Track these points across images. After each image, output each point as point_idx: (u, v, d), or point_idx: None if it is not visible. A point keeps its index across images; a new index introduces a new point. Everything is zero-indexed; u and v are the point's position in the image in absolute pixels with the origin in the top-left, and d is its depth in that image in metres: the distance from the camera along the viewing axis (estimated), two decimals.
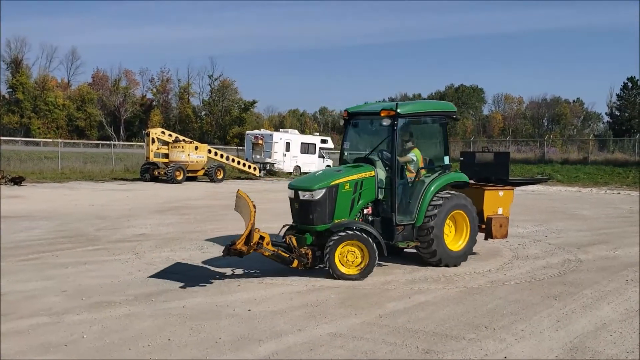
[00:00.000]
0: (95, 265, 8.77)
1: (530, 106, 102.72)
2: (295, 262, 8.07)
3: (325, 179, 8.50)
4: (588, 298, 7.43)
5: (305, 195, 8.35)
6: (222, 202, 19.33)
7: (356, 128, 9.88)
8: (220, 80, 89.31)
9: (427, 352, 5.35)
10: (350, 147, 9.85)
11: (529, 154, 42.35)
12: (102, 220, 13.73)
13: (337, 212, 8.42)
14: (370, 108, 9.68)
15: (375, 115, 9.26)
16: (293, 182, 8.87)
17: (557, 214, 17.72)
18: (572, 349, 5.53)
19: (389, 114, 8.78)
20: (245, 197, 7.73)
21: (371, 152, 9.36)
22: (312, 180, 8.62)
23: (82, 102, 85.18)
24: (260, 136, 36.95)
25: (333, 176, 8.56)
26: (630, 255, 10.57)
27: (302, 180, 9.00)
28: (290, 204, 8.82)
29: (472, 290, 7.71)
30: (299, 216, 8.56)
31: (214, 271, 8.56)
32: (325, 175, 8.78)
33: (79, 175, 29.50)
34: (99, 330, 5.75)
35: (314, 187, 8.32)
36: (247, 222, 7.59)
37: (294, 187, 8.61)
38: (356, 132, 9.97)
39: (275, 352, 5.25)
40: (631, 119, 79.05)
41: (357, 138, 10.10)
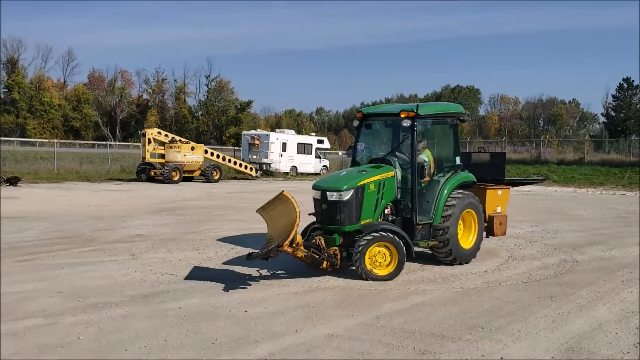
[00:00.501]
0: (92, 266, 8.75)
1: (526, 107, 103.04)
2: (325, 263, 8.12)
3: (352, 180, 8.46)
4: (584, 298, 7.45)
5: (333, 196, 8.31)
6: (218, 202, 19.33)
7: (370, 129, 9.90)
8: (217, 81, 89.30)
9: (423, 352, 5.36)
10: (364, 148, 9.87)
11: (525, 155, 42.44)
12: (98, 221, 13.70)
13: (363, 212, 8.44)
14: (387, 109, 9.88)
15: (392, 116, 9.35)
16: (319, 183, 8.78)
17: (553, 214, 17.76)
18: (568, 349, 5.54)
19: (408, 115, 8.84)
20: (290, 198, 7.71)
21: (389, 153, 9.38)
22: (339, 181, 8.56)
23: (78, 102, 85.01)
24: (256, 136, 36.94)
25: (359, 176, 8.54)
26: (625, 256, 10.60)
27: (328, 180, 8.88)
28: (315, 205, 8.75)
29: (468, 291, 7.72)
30: (326, 217, 8.47)
31: (210, 272, 8.54)
32: (350, 175, 8.71)
33: (75, 176, 29.44)
34: (95, 332, 5.74)
35: (342, 188, 8.29)
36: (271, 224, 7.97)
37: (321, 187, 8.52)
38: (370, 133, 10.00)
39: (271, 353, 5.25)
40: (627, 119, 79.33)
41: (371, 139, 10.12)
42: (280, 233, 7.85)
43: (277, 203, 8.16)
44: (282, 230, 7.83)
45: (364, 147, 9.85)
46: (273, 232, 8.28)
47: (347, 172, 8.98)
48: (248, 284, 7.85)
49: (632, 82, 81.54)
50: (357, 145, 9.78)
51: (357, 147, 9.77)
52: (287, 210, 7.70)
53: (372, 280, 8.02)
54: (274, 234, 8.18)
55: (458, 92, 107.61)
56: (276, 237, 7.91)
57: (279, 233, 7.92)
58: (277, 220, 8.18)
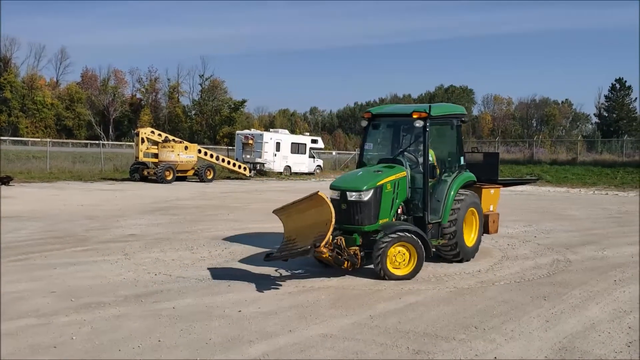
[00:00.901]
0: (85, 266, 8.72)
1: (520, 107, 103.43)
2: (346, 263, 8.15)
3: (371, 179, 8.49)
4: (577, 298, 7.48)
5: (353, 196, 8.32)
6: (212, 202, 19.29)
7: (378, 129, 10.01)
8: (211, 80, 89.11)
9: (417, 352, 5.37)
10: (372, 148, 9.95)
11: (518, 155, 42.59)
12: (91, 221, 13.65)
13: (381, 212, 8.51)
14: (397, 109, 10.08)
15: (404, 117, 9.46)
16: (337, 183, 8.77)
17: (546, 214, 17.82)
18: (561, 349, 5.56)
19: (420, 115, 8.91)
20: (326, 198, 7.69)
21: (400, 153, 9.45)
22: (358, 181, 8.57)
23: (70, 101, 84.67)
24: (250, 136, 36.86)
25: (377, 176, 8.59)
26: (618, 256, 10.65)
27: (347, 180, 8.83)
28: (333, 205, 8.58)
29: (462, 291, 7.74)
30: (346, 217, 8.43)
31: (203, 272, 8.52)
32: (368, 175, 8.70)
33: (68, 175, 29.31)
34: (88, 332, 5.71)
35: (362, 188, 8.32)
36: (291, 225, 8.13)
37: (340, 187, 8.52)
38: (378, 133, 10.10)
39: (265, 353, 5.24)
40: (619, 120, 79.73)
41: (379, 139, 10.19)
42: (305, 234, 7.89)
43: (304, 203, 8.06)
44: (307, 231, 7.87)
45: (371, 147, 9.92)
46: (294, 233, 8.29)
47: (363, 172, 8.94)
48: (242, 283, 7.84)
49: (624, 83, 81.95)
50: (365, 145, 9.84)
51: (365, 147, 9.84)
52: (318, 210, 7.69)
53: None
54: (296, 235, 8.20)
55: (451, 92, 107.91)
56: (300, 238, 7.95)
57: (304, 234, 7.95)
58: (301, 221, 8.14)
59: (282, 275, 8.42)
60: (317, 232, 7.58)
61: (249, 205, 18.53)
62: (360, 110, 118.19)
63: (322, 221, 7.57)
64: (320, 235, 7.46)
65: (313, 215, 7.82)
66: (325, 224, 7.47)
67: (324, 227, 7.49)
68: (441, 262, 9.50)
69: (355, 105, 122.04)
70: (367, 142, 9.88)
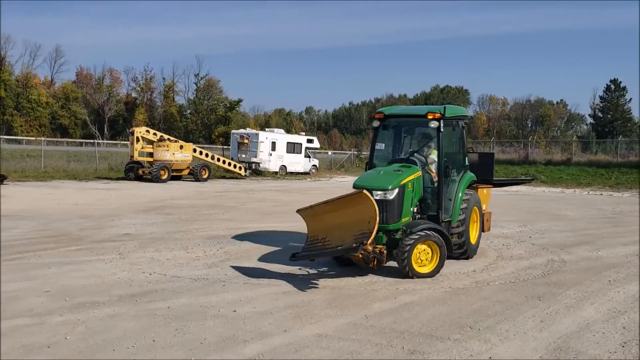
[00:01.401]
0: (79, 266, 8.69)
1: (515, 107, 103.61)
2: (374, 261, 8.27)
3: (394, 179, 8.59)
4: (571, 298, 7.49)
5: (379, 195, 8.37)
6: (207, 201, 19.26)
7: (389, 129, 10.08)
8: (206, 79, 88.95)
9: (412, 352, 5.37)
10: (384, 149, 10.05)
11: (513, 155, 42.67)
12: (85, 220, 13.61)
13: (404, 211, 8.63)
14: (410, 110, 10.30)
15: (417, 118, 9.63)
16: (361, 182, 8.78)
17: (540, 214, 17.85)
18: (556, 349, 5.57)
19: (435, 116, 9.05)
20: (370, 197, 7.71)
21: (413, 153, 9.64)
22: (382, 180, 8.64)
23: (66, 100, 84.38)
24: (245, 135, 36.81)
25: (399, 176, 8.69)
26: (612, 256, 10.68)
27: (371, 179, 8.83)
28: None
29: (457, 291, 7.75)
30: None
31: (198, 272, 8.50)
32: (391, 175, 8.78)
33: (63, 174, 29.20)
34: (82, 332, 5.69)
35: (388, 187, 8.43)
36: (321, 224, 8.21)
37: (365, 186, 8.47)
38: (389, 133, 10.16)
39: (260, 353, 5.23)
40: (614, 120, 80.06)
41: (390, 139, 10.24)
42: (339, 232, 7.95)
43: (340, 202, 8.11)
44: (342, 229, 7.92)
45: (383, 147, 10.02)
46: (322, 232, 8.29)
47: (384, 172, 8.97)
48: (237, 283, 7.82)
49: (619, 84, 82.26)
50: (377, 145, 9.92)
51: (377, 146, 9.91)
52: (360, 209, 7.71)
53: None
54: (325, 234, 8.21)
55: (447, 92, 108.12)
56: (333, 237, 8.01)
57: (337, 232, 8.01)
58: (334, 219, 8.13)
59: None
60: (357, 230, 7.68)
61: (244, 205, 18.50)
62: (355, 110, 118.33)
63: (364, 219, 7.64)
64: (363, 233, 7.57)
65: (352, 213, 7.82)
66: (369, 222, 7.57)
67: (365, 225, 7.58)
68: None
69: (350, 105, 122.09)
70: (379, 142, 9.96)
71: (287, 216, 15.62)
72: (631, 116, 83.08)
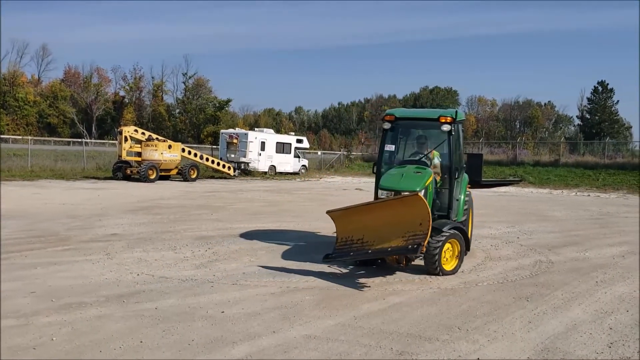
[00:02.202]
0: (66, 266, 8.61)
1: (503, 108, 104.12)
2: (405, 260, 8.64)
3: (419, 180, 8.84)
4: (559, 299, 7.53)
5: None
6: (195, 201, 19.18)
7: (397, 131, 10.15)
8: (195, 79, 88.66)
9: (401, 353, 5.37)
10: (394, 150, 10.17)
11: (502, 156, 42.90)
12: (72, 220, 13.50)
13: None
14: (422, 113, 10.57)
15: (429, 121, 9.90)
16: (388, 184, 8.94)
17: (528, 215, 17.95)
18: (544, 349, 5.59)
19: (447, 120, 9.30)
20: (424, 200, 7.87)
21: (425, 155, 9.79)
22: (409, 182, 8.82)
23: (53, 98, 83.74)
24: (235, 135, 36.69)
25: (422, 177, 8.92)
26: (600, 257, 10.76)
27: (397, 181, 8.95)
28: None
29: (445, 291, 7.76)
30: None
31: (187, 272, 8.46)
32: (414, 176, 8.98)
33: (50, 174, 28.97)
34: (69, 333, 5.64)
35: (416, 188, 8.61)
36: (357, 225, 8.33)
37: (394, 188, 8.75)
38: (397, 135, 10.27)
39: (248, 354, 5.21)
40: (601, 122, 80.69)
41: (398, 141, 10.36)
42: (380, 234, 8.05)
43: (386, 203, 8.28)
44: (382, 231, 8.02)
45: (393, 149, 10.13)
46: (358, 233, 8.38)
47: (406, 173, 9.10)
48: (225, 284, 7.79)
49: (606, 86, 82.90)
50: (386, 147, 9.99)
51: (386, 148, 9.99)
52: (411, 211, 7.82)
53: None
54: (362, 234, 8.30)
55: (436, 93, 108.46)
56: (374, 238, 8.12)
57: (377, 234, 8.10)
58: (374, 221, 8.20)
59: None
60: (405, 231, 7.83)
61: (233, 205, 18.44)
62: (345, 110, 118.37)
63: (413, 221, 7.79)
64: (415, 235, 7.74)
65: (400, 214, 7.91)
66: (420, 224, 7.72)
67: (416, 227, 7.75)
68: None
69: (340, 106, 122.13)
70: (389, 143, 10.04)
71: (276, 216, 15.60)
72: (618, 118, 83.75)
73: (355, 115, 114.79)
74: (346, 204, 9.36)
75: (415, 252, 7.74)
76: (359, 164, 47.63)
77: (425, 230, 7.69)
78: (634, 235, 13.86)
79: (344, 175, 40.99)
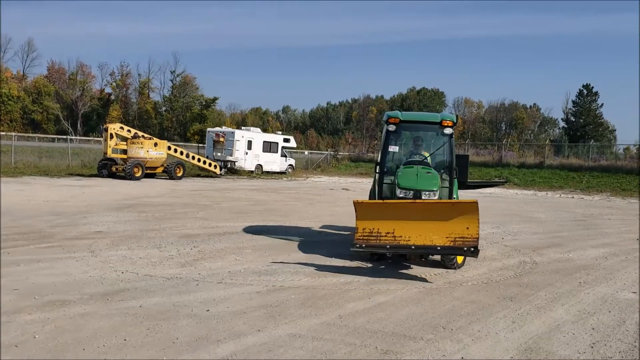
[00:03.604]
0: (49, 263, 8.53)
1: (489, 110, 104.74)
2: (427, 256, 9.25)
3: (434, 180, 9.45)
4: (542, 299, 7.60)
5: (428, 195, 9.27)
6: (181, 200, 19.10)
7: (399, 133, 10.60)
8: (182, 76, 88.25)
9: (385, 352, 5.38)
10: (397, 151, 10.56)
11: (487, 157, 43.17)
12: (57, 217, 13.38)
13: None
14: (424, 117, 10.95)
15: (431, 124, 10.40)
16: (407, 184, 9.38)
17: (513, 216, 18.08)
18: (527, 349, 5.64)
19: (448, 124, 9.97)
20: (478, 207, 8.30)
21: (429, 156, 10.30)
22: (426, 181, 9.39)
23: (38, 94, 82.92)
24: (221, 134, 36.55)
25: (434, 177, 9.53)
26: (583, 258, 10.87)
27: (414, 181, 9.41)
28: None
29: (430, 291, 7.80)
30: None
31: (172, 270, 8.41)
32: (428, 176, 9.51)
33: (34, 170, 28.68)
34: (51, 330, 5.59)
35: (434, 188, 9.31)
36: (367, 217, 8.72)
37: (413, 188, 9.29)
38: (400, 137, 10.74)
39: (233, 353, 5.20)
40: (585, 125, 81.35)
41: (400, 142, 10.79)
42: (417, 231, 8.50)
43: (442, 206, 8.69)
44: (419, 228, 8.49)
45: (397, 150, 10.53)
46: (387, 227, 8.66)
47: (420, 173, 9.58)
48: (211, 283, 7.76)
49: (591, 89, 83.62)
50: (390, 148, 10.35)
51: (390, 149, 10.35)
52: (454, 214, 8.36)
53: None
54: (393, 229, 8.62)
55: (424, 94, 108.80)
56: (408, 234, 8.54)
57: (414, 230, 8.52)
58: (409, 217, 8.57)
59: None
60: (449, 232, 8.35)
61: (219, 204, 18.38)
62: (333, 110, 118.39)
63: (461, 225, 8.32)
64: (463, 238, 8.28)
65: (446, 216, 8.40)
66: (467, 228, 8.28)
67: (464, 231, 8.29)
68: (412, 262, 9.57)
69: (328, 105, 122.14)
70: (392, 144, 10.43)
71: (262, 215, 15.58)
72: (603, 121, 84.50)
73: (343, 116, 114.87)
74: (333, 204, 9.44)
75: (474, 255, 8.28)
76: (346, 164, 47.70)
77: (474, 235, 8.24)
78: (617, 237, 14.02)
79: (330, 175, 41.03)
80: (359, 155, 52.34)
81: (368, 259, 9.63)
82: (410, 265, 9.41)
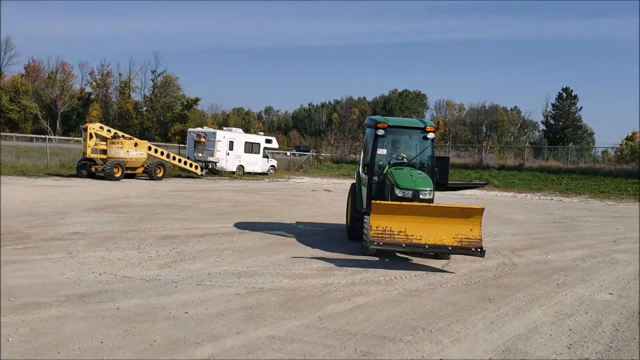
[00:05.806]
0: (25, 265, 8.40)
1: (470, 113, 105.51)
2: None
3: (428, 180, 10.39)
4: (521, 301, 7.66)
5: (424, 194, 10.09)
6: (161, 200, 18.94)
7: (386, 137, 11.35)
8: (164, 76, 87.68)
9: (365, 354, 5.38)
10: (384, 154, 11.39)
11: (468, 160, 43.45)
12: (34, 217, 13.19)
13: None
14: (409, 122, 11.76)
15: (416, 129, 11.37)
16: (406, 185, 10.14)
17: (493, 218, 18.20)
18: (505, 350, 5.67)
19: (431, 129, 11.05)
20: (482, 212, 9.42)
21: (413, 158, 11.24)
22: (422, 182, 10.23)
23: (15, 93, 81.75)
24: (202, 134, 36.30)
25: (426, 178, 10.45)
26: (561, 260, 10.98)
27: (412, 181, 10.20)
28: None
29: (410, 292, 7.82)
30: None
31: (151, 272, 8.33)
32: (421, 177, 10.42)
33: (11, 170, 28.23)
34: (26, 333, 5.49)
35: (430, 188, 10.22)
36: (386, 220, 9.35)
37: (412, 188, 10.08)
38: (386, 141, 11.50)
39: (212, 355, 5.15)
40: (565, 128, 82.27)
41: (389, 146, 11.62)
42: (427, 231, 9.26)
43: (444, 208, 9.37)
44: (429, 228, 9.27)
45: (385, 152, 11.39)
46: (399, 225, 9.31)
47: (414, 174, 10.44)
48: (190, 284, 7.70)
49: (570, 92, 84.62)
50: (378, 150, 11.24)
51: (379, 151, 11.24)
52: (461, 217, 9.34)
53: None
54: (405, 227, 9.30)
55: (405, 96, 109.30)
56: (420, 234, 9.27)
57: (424, 230, 9.28)
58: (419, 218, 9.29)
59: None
60: (455, 233, 9.26)
61: (199, 205, 18.26)
62: (315, 111, 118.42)
63: (465, 227, 9.31)
64: (469, 240, 9.26)
65: (453, 219, 9.31)
66: (471, 230, 9.30)
67: (469, 233, 9.29)
68: (392, 263, 9.59)
69: (310, 107, 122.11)
70: (381, 148, 11.32)
71: (243, 217, 15.50)
72: (581, 124, 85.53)
73: (325, 117, 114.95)
74: (315, 205, 9.53)
75: (481, 255, 9.15)
76: (328, 165, 47.69)
77: (477, 237, 9.24)
78: (594, 239, 14.19)
79: (312, 176, 40.99)
80: (341, 156, 52.36)
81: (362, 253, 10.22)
82: (392, 266, 9.42)
